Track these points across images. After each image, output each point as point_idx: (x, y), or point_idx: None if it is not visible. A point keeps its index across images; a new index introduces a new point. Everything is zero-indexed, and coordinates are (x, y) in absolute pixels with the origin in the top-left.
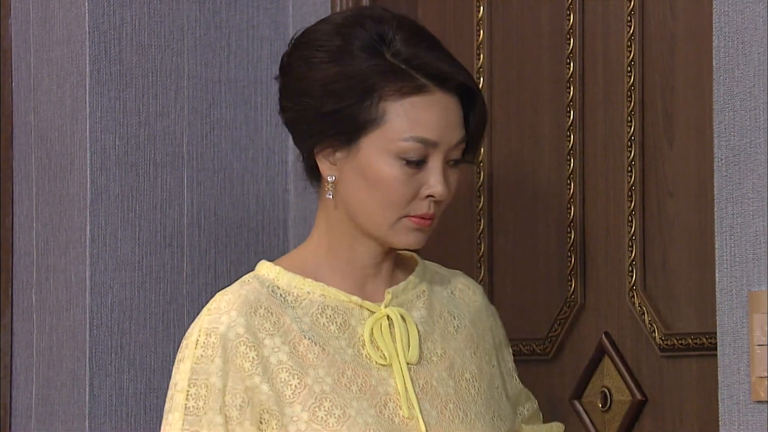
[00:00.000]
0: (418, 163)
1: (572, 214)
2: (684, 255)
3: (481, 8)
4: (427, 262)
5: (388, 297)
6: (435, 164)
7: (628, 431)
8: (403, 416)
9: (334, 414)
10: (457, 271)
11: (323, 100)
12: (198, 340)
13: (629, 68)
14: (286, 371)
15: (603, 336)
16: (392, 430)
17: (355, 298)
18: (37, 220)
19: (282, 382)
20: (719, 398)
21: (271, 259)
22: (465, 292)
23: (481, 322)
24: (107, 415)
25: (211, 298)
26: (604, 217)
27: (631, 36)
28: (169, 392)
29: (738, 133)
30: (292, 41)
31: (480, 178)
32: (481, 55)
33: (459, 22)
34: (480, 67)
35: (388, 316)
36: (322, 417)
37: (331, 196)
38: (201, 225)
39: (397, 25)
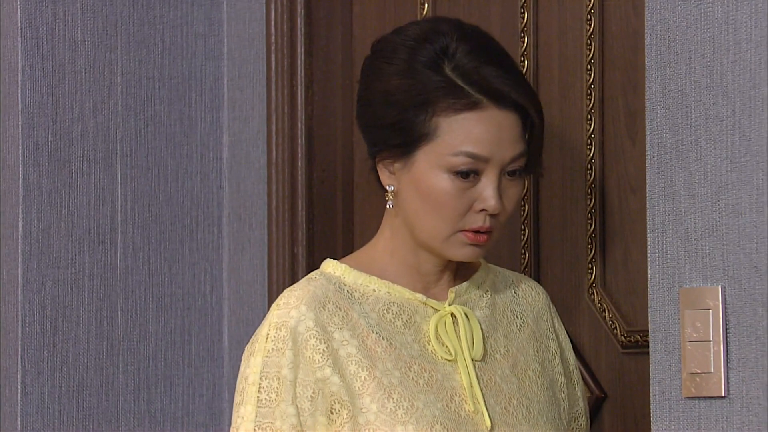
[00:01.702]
0: (469, 177)
1: (526, 211)
2: (647, 252)
3: (426, 5)
4: (491, 264)
5: (451, 296)
6: (489, 178)
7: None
8: (468, 410)
9: (403, 406)
10: (521, 274)
11: (383, 111)
12: (268, 334)
13: (589, 66)
14: (355, 364)
15: None
16: (458, 423)
17: (419, 296)
18: None
19: (351, 374)
20: (651, 394)
21: (324, 258)
22: (528, 293)
23: (543, 323)
24: (39, 412)
25: (145, 295)
26: (561, 214)
27: (591, 34)
28: (240, 386)
29: (670, 131)
30: (371, 48)
31: None
32: None
33: (401, 21)
34: None
35: (452, 314)
36: (390, 409)
37: (391, 206)
38: (135, 222)
39: (461, 36)
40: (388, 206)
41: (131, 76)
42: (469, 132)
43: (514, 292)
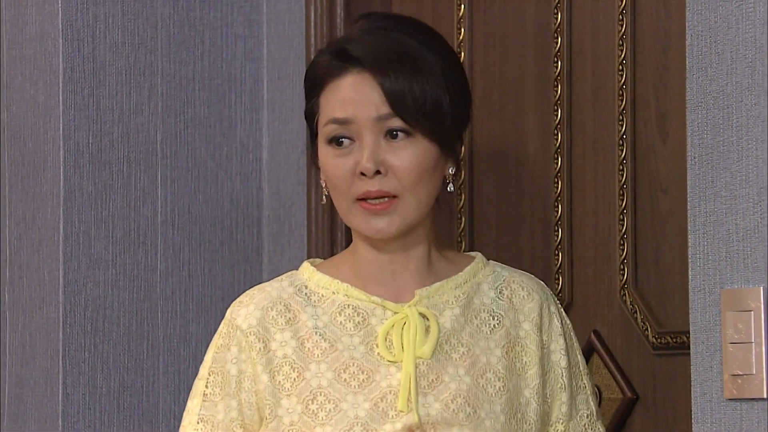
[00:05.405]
0: (344, 144)
1: (559, 212)
2: (678, 252)
3: (462, 6)
4: (492, 261)
5: (416, 298)
6: (362, 141)
7: (619, 429)
8: (398, 409)
9: (326, 408)
10: (525, 273)
11: None
12: (221, 331)
13: (621, 66)
14: (289, 365)
15: (592, 334)
16: (383, 422)
17: (375, 299)
18: (10, 217)
19: (284, 375)
20: (692, 396)
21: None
22: (518, 293)
23: (528, 324)
24: (80, 413)
25: (185, 296)
26: (593, 215)
27: (623, 34)
28: (195, 380)
29: (711, 132)
30: None
31: (461, 176)
32: (462, 54)
33: (438, 20)
34: None
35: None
36: (313, 410)
37: (324, 202)
38: (175, 223)
39: (359, 19)
40: (321, 202)
41: (171, 78)
42: (334, 99)
43: (499, 293)
